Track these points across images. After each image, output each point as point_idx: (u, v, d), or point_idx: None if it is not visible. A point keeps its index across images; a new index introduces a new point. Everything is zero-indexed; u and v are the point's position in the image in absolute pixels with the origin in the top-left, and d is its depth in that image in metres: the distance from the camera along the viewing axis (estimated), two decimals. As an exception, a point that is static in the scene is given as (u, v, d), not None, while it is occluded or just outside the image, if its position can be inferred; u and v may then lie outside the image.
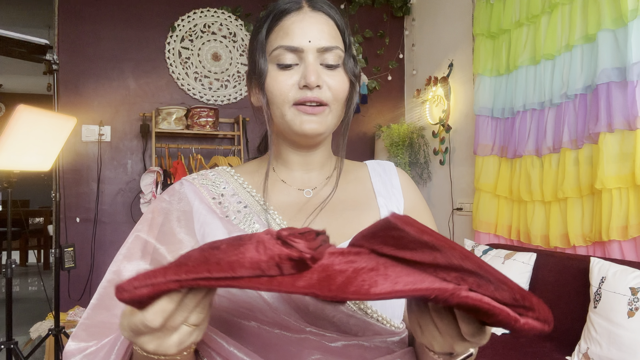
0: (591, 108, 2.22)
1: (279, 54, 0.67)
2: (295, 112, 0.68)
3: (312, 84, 0.66)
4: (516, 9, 2.70)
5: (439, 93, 3.44)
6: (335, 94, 0.69)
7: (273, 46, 0.68)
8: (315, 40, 0.67)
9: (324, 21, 0.69)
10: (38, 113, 2.02)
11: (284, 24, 0.68)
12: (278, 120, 0.70)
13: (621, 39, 2.07)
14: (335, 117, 0.71)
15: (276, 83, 0.68)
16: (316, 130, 0.68)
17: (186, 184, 0.74)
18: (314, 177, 0.77)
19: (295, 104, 0.67)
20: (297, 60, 0.68)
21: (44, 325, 2.78)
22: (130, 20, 3.36)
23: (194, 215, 0.70)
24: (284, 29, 0.68)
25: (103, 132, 3.28)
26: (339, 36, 0.71)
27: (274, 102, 0.69)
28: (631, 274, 1.77)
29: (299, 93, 0.67)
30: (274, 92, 0.68)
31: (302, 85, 0.67)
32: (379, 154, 3.75)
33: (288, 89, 0.67)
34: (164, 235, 0.69)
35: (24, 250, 6.55)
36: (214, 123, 3.25)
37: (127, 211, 3.31)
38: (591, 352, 1.79)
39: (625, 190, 2.05)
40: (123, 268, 0.68)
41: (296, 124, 0.68)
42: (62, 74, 3.16)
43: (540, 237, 2.51)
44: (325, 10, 0.70)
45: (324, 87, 0.68)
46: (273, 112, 0.70)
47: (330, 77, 0.68)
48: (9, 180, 2.15)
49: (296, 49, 0.67)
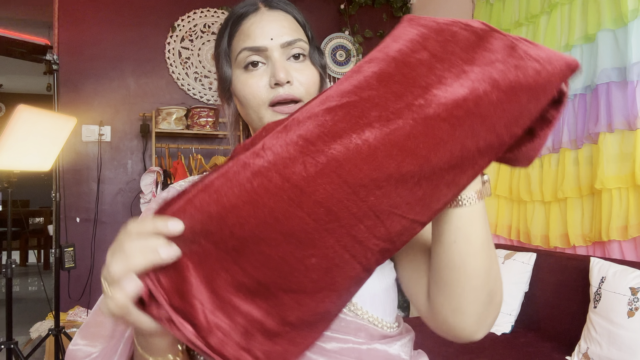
0: (591, 108, 2.22)
1: (244, 57, 0.67)
2: (273, 114, 0.67)
3: (282, 80, 0.66)
4: (515, 9, 2.70)
5: (439, 93, 3.44)
6: (307, 88, 0.69)
7: (237, 50, 0.68)
8: (277, 37, 0.67)
9: (282, 17, 0.69)
10: (38, 113, 2.02)
11: (243, 27, 0.69)
12: (255, 124, 0.70)
13: (621, 39, 2.07)
14: None
15: (247, 87, 0.68)
16: None
17: (173, 191, 0.73)
18: None
19: (271, 104, 0.67)
20: (263, 60, 0.68)
21: (44, 325, 2.78)
22: (130, 20, 3.36)
23: None
24: (244, 32, 0.68)
25: (103, 132, 3.28)
26: (301, 30, 0.71)
27: (249, 105, 0.68)
28: (631, 274, 1.77)
29: (271, 92, 0.67)
30: (246, 97, 0.68)
31: (274, 84, 0.66)
32: (379, 154, 3.75)
33: (260, 90, 0.67)
34: None
35: (24, 250, 6.55)
36: (214, 123, 3.25)
37: (127, 211, 3.31)
38: (591, 352, 1.79)
39: (625, 190, 2.05)
40: None
41: None
42: (62, 74, 3.16)
43: (540, 237, 2.51)
44: (282, 7, 0.70)
45: (294, 82, 0.68)
46: (249, 116, 0.70)
47: (298, 72, 0.68)
48: (9, 180, 2.15)
49: (259, 49, 0.67)
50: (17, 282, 5.57)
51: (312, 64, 0.71)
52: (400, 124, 0.42)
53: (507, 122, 0.45)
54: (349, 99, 0.44)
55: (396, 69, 0.45)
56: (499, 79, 0.43)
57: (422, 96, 0.43)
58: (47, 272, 5.97)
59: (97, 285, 3.14)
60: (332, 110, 0.44)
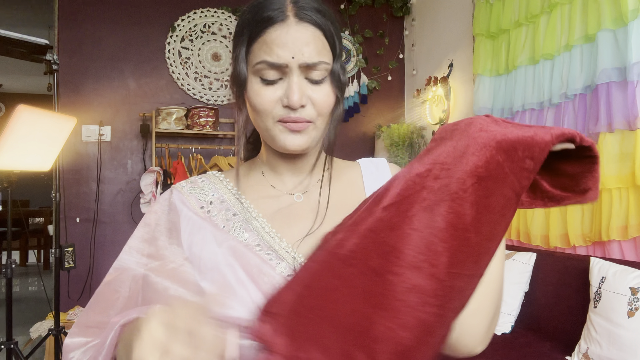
0: (591, 108, 2.22)
1: (262, 69, 0.65)
2: (281, 129, 0.66)
3: (295, 105, 0.64)
4: (515, 9, 2.70)
5: (439, 93, 3.44)
6: (320, 110, 0.67)
7: (256, 59, 0.65)
8: (299, 56, 0.63)
9: (309, 34, 0.64)
10: (38, 113, 2.02)
11: (267, 36, 0.64)
12: (262, 133, 0.69)
13: (621, 39, 2.07)
14: (321, 130, 0.69)
15: (259, 97, 0.66)
16: (300, 147, 0.67)
17: (175, 192, 0.73)
18: (304, 180, 0.75)
19: (279, 120, 0.66)
20: (280, 75, 0.65)
21: (44, 325, 2.78)
22: (130, 20, 3.36)
23: (181, 224, 0.69)
24: (266, 43, 0.64)
25: (103, 132, 3.28)
26: (327, 47, 0.66)
27: (259, 115, 0.67)
28: (631, 274, 1.78)
29: (282, 111, 0.65)
30: (257, 107, 0.66)
31: (285, 105, 0.65)
32: (379, 154, 3.75)
33: (272, 105, 0.65)
34: (156, 249, 0.69)
35: (24, 250, 6.55)
36: (214, 123, 3.25)
37: (127, 211, 3.31)
38: (591, 352, 1.79)
39: (625, 190, 2.05)
40: (118, 275, 0.69)
41: (280, 140, 0.67)
42: (62, 74, 3.16)
43: (540, 237, 2.51)
44: (312, 19, 0.65)
45: (307, 105, 0.66)
46: (257, 122, 0.69)
47: (314, 92, 0.66)
48: (9, 180, 2.15)
49: (280, 66, 0.64)
50: (17, 282, 5.57)
51: (330, 84, 0.67)
52: None
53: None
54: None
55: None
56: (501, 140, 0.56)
57: None
58: (47, 272, 5.98)
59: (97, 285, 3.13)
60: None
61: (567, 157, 0.58)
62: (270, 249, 0.67)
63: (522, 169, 0.53)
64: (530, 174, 0.54)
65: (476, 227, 0.53)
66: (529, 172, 0.54)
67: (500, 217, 0.54)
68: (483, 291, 0.58)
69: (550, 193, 0.60)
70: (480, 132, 0.57)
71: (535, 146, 0.53)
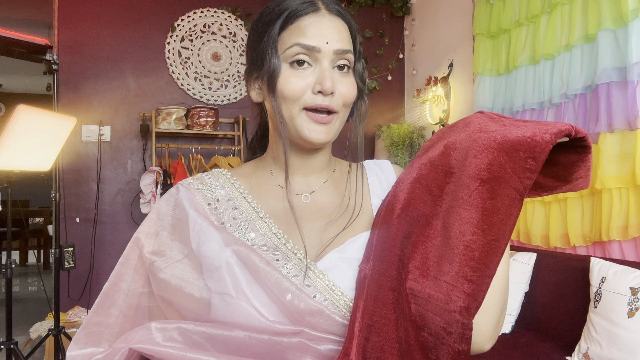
0: (591, 108, 2.22)
1: (295, 52, 0.66)
2: (305, 118, 0.67)
3: (328, 91, 0.65)
4: (516, 9, 2.70)
5: (439, 93, 3.44)
6: (345, 100, 0.68)
7: (288, 44, 0.66)
8: (332, 42, 0.66)
9: (340, 25, 0.69)
10: (38, 113, 2.02)
11: (300, 23, 0.66)
12: (286, 123, 0.68)
13: (621, 38, 2.07)
14: (342, 122, 0.71)
15: (288, 83, 0.66)
16: (323, 140, 0.68)
17: (182, 189, 0.72)
18: (312, 180, 0.75)
19: (305, 108, 0.66)
20: (311, 61, 0.66)
21: (44, 325, 2.78)
22: (130, 20, 3.36)
23: (189, 222, 0.69)
24: (300, 28, 0.66)
25: (103, 132, 3.28)
26: (352, 42, 0.70)
27: (285, 102, 0.67)
28: (631, 274, 1.77)
29: (311, 98, 0.66)
30: (285, 93, 0.66)
31: (317, 91, 0.65)
32: (379, 154, 3.75)
33: (301, 91, 0.66)
34: (160, 246, 0.69)
35: (23, 250, 6.55)
36: (214, 123, 3.25)
37: (127, 211, 3.31)
38: (591, 352, 1.79)
39: (625, 190, 2.05)
40: (121, 274, 0.70)
41: (304, 131, 0.67)
42: (62, 74, 3.16)
43: (540, 237, 2.51)
44: (342, 14, 0.70)
45: (336, 94, 0.67)
46: (282, 110, 0.68)
47: (341, 83, 0.68)
48: (9, 180, 2.15)
49: (314, 48, 0.65)
50: (17, 282, 5.57)
51: (354, 76, 0.70)
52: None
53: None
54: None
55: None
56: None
57: None
58: (47, 272, 5.98)
59: (97, 285, 3.14)
60: None
61: (561, 148, 0.59)
62: (277, 249, 0.67)
63: (524, 169, 0.54)
64: (532, 173, 0.54)
65: (483, 229, 0.53)
66: (531, 172, 0.54)
67: (506, 217, 0.55)
68: (490, 289, 0.59)
69: (543, 182, 0.61)
70: (480, 133, 0.57)
71: (537, 146, 0.54)
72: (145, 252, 0.69)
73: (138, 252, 0.69)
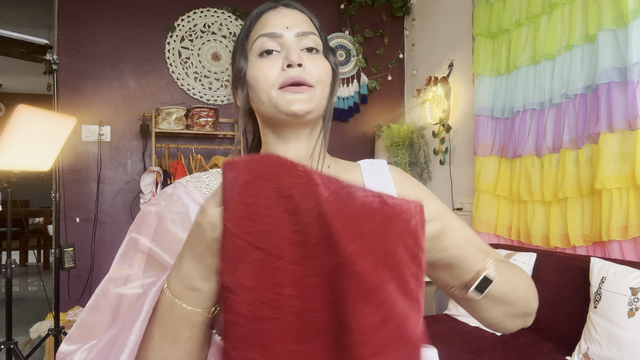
0: (591, 108, 2.22)
1: (260, 43, 0.70)
2: (282, 94, 0.68)
3: (295, 62, 0.67)
4: (516, 9, 2.70)
5: (439, 93, 3.44)
6: (319, 77, 0.70)
7: (253, 39, 0.72)
8: (292, 26, 0.71)
9: (299, 14, 0.73)
10: (38, 113, 2.02)
11: (261, 19, 0.73)
12: (265, 107, 0.70)
13: (622, 38, 2.07)
14: (323, 98, 0.72)
15: (259, 70, 0.69)
16: (305, 109, 0.68)
17: (179, 186, 0.72)
18: None
19: (281, 87, 0.68)
20: (278, 48, 0.70)
21: (44, 325, 2.78)
22: (130, 20, 3.36)
23: (190, 215, 0.69)
24: (262, 23, 0.72)
25: (103, 132, 3.28)
26: (315, 28, 0.74)
27: (259, 87, 0.69)
28: (631, 274, 1.77)
29: (282, 75, 0.68)
30: (257, 78, 0.69)
31: (286, 66, 0.68)
32: (379, 154, 3.75)
33: (272, 73, 0.69)
34: (158, 234, 0.68)
35: (23, 250, 6.55)
36: (214, 123, 3.25)
37: (127, 211, 3.31)
38: (591, 352, 1.79)
39: (625, 190, 2.05)
40: (117, 273, 0.68)
41: (283, 104, 0.68)
42: (62, 74, 3.16)
43: (540, 237, 2.51)
44: (300, 8, 0.75)
45: (307, 67, 0.69)
46: (259, 99, 0.70)
47: (311, 61, 0.70)
48: (9, 180, 2.15)
49: (275, 35, 0.70)
50: (17, 282, 5.57)
51: (325, 58, 0.73)
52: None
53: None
54: None
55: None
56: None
57: None
58: (47, 272, 5.98)
59: (97, 285, 3.13)
60: None
61: None
62: None
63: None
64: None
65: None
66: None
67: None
68: (513, 286, 0.65)
69: None
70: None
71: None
72: (142, 246, 0.68)
73: (134, 250, 0.68)
